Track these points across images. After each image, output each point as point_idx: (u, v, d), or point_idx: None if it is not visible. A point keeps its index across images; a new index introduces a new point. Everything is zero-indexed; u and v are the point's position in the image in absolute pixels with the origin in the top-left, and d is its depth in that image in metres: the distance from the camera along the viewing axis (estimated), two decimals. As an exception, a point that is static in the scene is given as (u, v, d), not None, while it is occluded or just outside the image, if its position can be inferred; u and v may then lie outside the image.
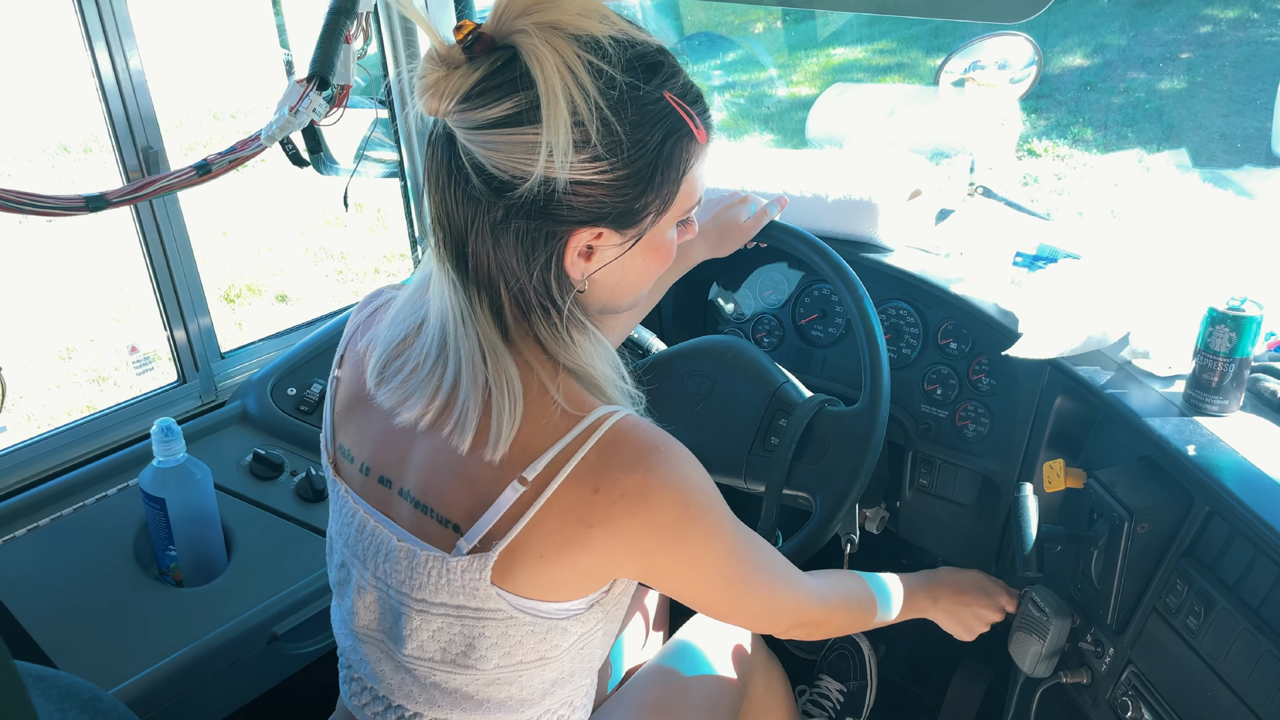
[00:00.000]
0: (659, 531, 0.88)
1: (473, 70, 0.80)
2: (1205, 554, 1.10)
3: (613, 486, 0.85)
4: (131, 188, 1.39)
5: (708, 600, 1.01)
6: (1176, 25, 6.20)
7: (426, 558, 0.91)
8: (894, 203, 1.61)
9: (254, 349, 1.88)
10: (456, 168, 0.83)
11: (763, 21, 6.93)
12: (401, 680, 0.99)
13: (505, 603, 0.89)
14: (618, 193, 0.84)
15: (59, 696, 1.02)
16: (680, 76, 0.86)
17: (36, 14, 5.14)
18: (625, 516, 0.86)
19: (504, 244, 0.84)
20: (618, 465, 0.86)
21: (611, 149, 0.82)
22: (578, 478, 0.85)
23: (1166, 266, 1.35)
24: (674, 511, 0.88)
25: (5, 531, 1.46)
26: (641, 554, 0.89)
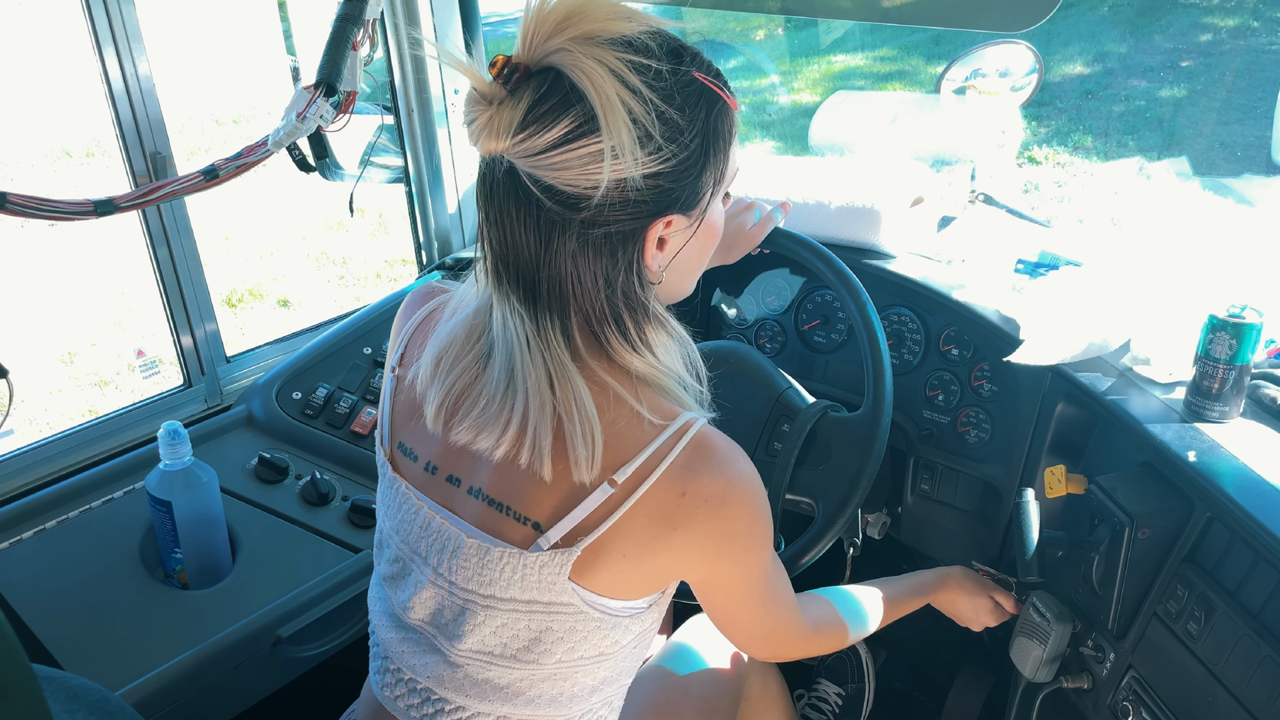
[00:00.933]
0: (733, 537, 0.93)
1: (518, 101, 0.82)
2: (1206, 559, 1.11)
3: (699, 491, 0.89)
4: (140, 193, 1.40)
5: (737, 612, 1.05)
6: (1177, 34, 6.22)
7: (500, 554, 0.92)
8: (896, 210, 1.62)
9: (259, 353, 1.89)
10: (525, 197, 0.84)
11: (764, 29, 6.95)
12: (451, 674, 1.00)
13: (579, 598, 0.92)
14: (682, 176, 0.87)
15: (67, 698, 1.03)
16: (700, 54, 0.90)
17: (41, 19, 5.16)
18: (707, 520, 0.90)
19: (585, 258, 0.86)
20: (704, 470, 0.89)
21: (670, 136, 0.84)
22: (667, 481, 0.89)
23: (1167, 274, 1.36)
24: (749, 519, 0.93)
25: (12, 534, 1.46)
26: (714, 557, 0.94)
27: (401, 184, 2.09)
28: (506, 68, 0.82)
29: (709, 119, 0.88)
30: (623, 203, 0.85)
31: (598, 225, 0.85)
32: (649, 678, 1.33)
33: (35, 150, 5.14)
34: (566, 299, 0.88)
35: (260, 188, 4.91)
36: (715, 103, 0.89)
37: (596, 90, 0.79)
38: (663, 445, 0.89)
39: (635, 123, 0.81)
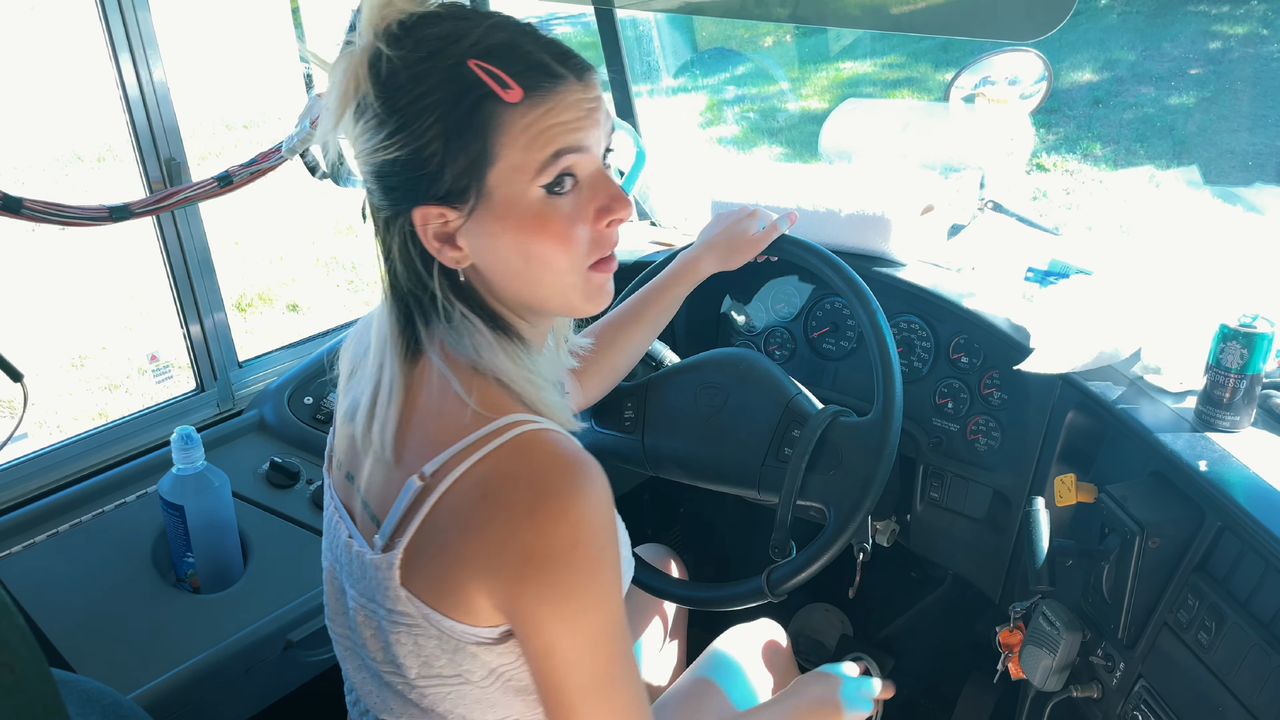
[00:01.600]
0: (537, 563, 0.80)
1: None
2: (1217, 569, 1.11)
3: (502, 496, 0.81)
4: (154, 198, 1.42)
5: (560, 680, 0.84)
6: (1186, 41, 6.21)
7: (359, 552, 0.91)
8: (906, 217, 1.62)
9: (271, 358, 1.90)
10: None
11: (772, 36, 6.96)
12: (371, 685, 0.98)
13: (413, 608, 0.86)
14: (423, 166, 0.83)
15: (80, 701, 1.03)
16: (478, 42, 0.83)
17: (53, 23, 5.19)
18: (504, 529, 0.80)
19: (382, 241, 0.89)
20: (516, 474, 0.82)
21: (403, 124, 0.81)
22: (469, 479, 0.82)
23: (1178, 283, 1.36)
24: (560, 547, 0.80)
25: (26, 537, 1.47)
26: (511, 583, 0.81)
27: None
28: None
29: (458, 107, 0.82)
30: (383, 189, 0.85)
31: (374, 209, 0.88)
32: (687, 690, 1.33)
33: (47, 154, 5.17)
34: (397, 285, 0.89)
35: (270, 192, 4.93)
36: (469, 93, 0.82)
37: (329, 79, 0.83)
38: (476, 441, 0.83)
39: (360, 108, 0.83)
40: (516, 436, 0.83)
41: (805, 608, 2.17)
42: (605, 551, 0.82)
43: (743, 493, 1.42)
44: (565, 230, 0.86)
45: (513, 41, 0.84)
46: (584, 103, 0.85)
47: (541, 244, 0.86)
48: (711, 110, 6.10)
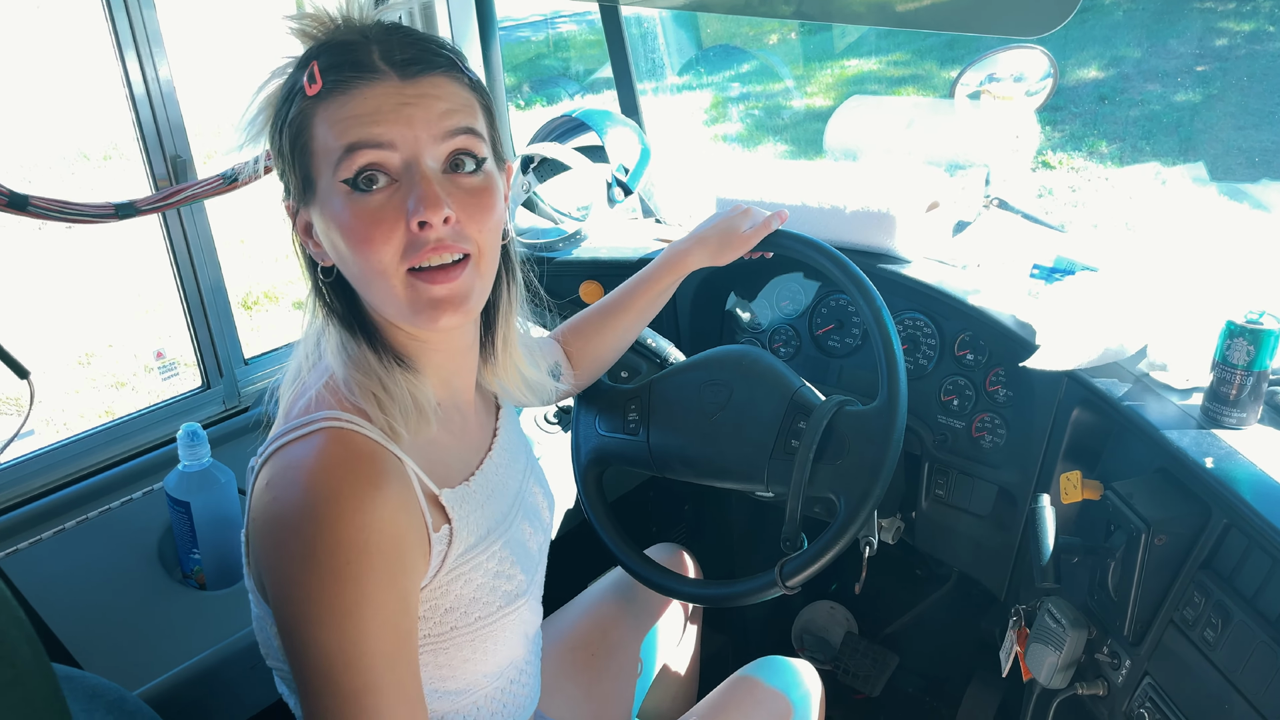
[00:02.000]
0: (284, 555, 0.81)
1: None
2: (1223, 566, 1.10)
3: (274, 482, 0.84)
4: (160, 196, 1.42)
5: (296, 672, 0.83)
6: (1192, 38, 6.19)
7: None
8: (911, 214, 1.62)
9: (277, 355, 1.90)
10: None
11: (777, 33, 6.96)
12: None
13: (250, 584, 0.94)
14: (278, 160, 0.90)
15: (85, 697, 1.04)
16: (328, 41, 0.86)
17: (58, 21, 5.20)
18: (262, 523, 0.83)
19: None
20: (292, 466, 0.83)
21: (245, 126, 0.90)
22: (268, 469, 0.86)
23: (1184, 279, 1.35)
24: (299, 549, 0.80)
25: (32, 534, 1.48)
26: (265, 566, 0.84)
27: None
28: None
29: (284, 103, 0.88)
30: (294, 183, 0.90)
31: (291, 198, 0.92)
32: (735, 687, 1.35)
33: (54, 152, 5.18)
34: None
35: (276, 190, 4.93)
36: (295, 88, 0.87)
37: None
38: (291, 429, 0.86)
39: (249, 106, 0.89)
40: (318, 430, 0.85)
41: (810, 605, 2.17)
42: (350, 566, 0.80)
43: (751, 488, 1.42)
44: (366, 229, 0.85)
45: (350, 41, 0.85)
46: (395, 97, 0.84)
47: (348, 242, 0.86)
48: (716, 107, 6.09)
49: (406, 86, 0.85)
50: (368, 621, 0.81)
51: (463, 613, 0.96)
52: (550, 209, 2.10)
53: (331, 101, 0.84)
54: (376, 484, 0.83)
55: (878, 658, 2.05)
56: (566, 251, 1.99)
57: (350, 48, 0.85)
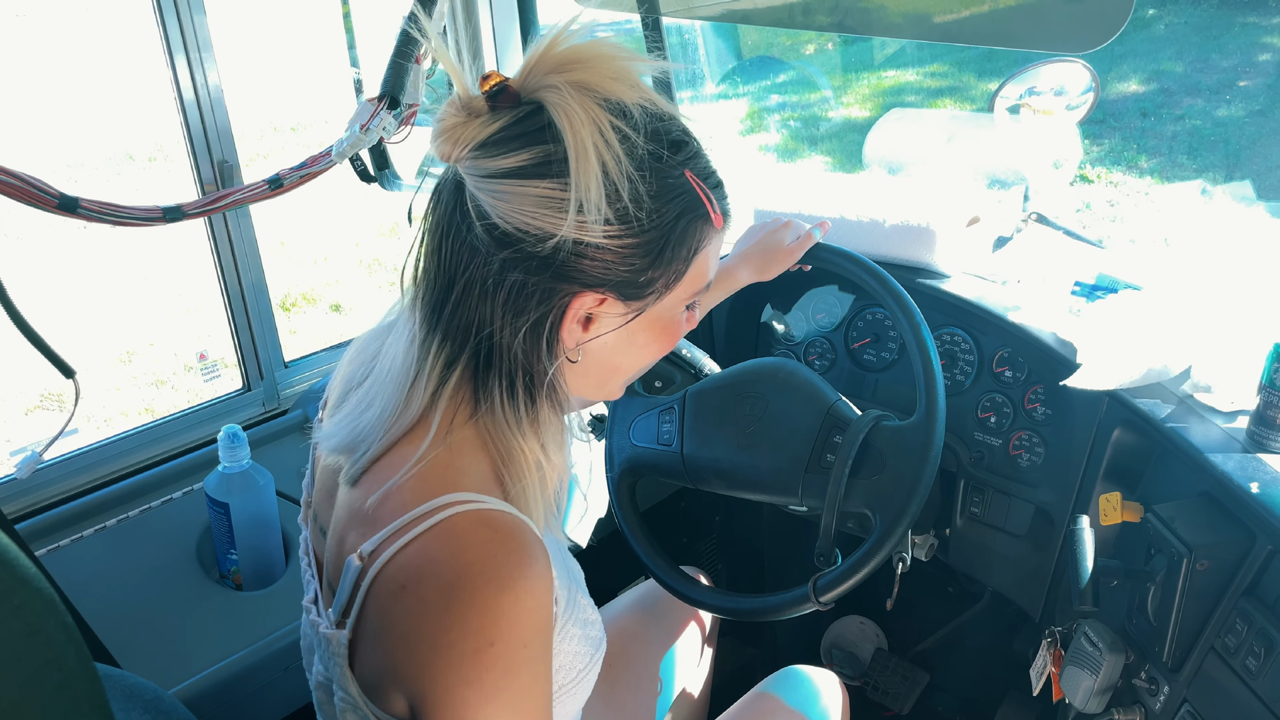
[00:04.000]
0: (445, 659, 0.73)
1: (493, 120, 0.78)
2: (1267, 594, 1.09)
3: (418, 588, 0.74)
4: (207, 200, 1.44)
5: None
6: (1235, 52, 6.11)
7: (317, 623, 0.85)
8: (952, 229, 1.61)
9: (316, 359, 1.92)
10: (460, 215, 0.80)
11: (814, 43, 6.93)
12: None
13: (355, 691, 0.80)
14: (625, 261, 0.81)
15: (123, 696, 1.05)
16: (702, 158, 0.85)
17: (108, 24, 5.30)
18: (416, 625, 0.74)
19: (493, 297, 0.80)
20: (437, 563, 0.75)
21: (625, 215, 0.79)
22: (394, 566, 0.76)
23: (1231, 299, 1.33)
24: (474, 644, 0.73)
25: (73, 532, 1.50)
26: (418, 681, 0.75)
27: (457, 195, 2.11)
28: (496, 85, 0.79)
29: (679, 219, 0.82)
30: (549, 259, 0.79)
31: (516, 270, 0.79)
32: (753, 704, 1.34)
33: (100, 153, 5.27)
34: (468, 331, 0.82)
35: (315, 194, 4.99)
36: (694, 209, 0.83)
37: (575, 135, 0.76)
38: (410, 521, 0.76)
39: (595, 188, 0.77)
40: (450, 518, 0.76)
41: (840, 619, 2.16)
42: (527, 649, 0.75)
43: (785, 502, 1.41)
44: (673, 342, 0.90)
45: (710, 164, 0.86)
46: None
47: (655, 349, 0.89)
48: (753, 118, 6.08)
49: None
50: (539, 702, 0.77)
51: (568, 669, 0.91)
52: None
53: (718, 238, 0.87)
54: (530, 559, 0.76)
55: (908, 675, 2.03)
56: (603, 260, 1.99)
57: (713, 170, 0.87)
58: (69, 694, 0.60)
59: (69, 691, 0.60)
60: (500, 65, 2.00)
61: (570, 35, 0.78)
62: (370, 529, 0.78)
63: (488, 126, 0.78)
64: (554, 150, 0.77)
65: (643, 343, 0.88)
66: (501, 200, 0.77)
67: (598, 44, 0.78)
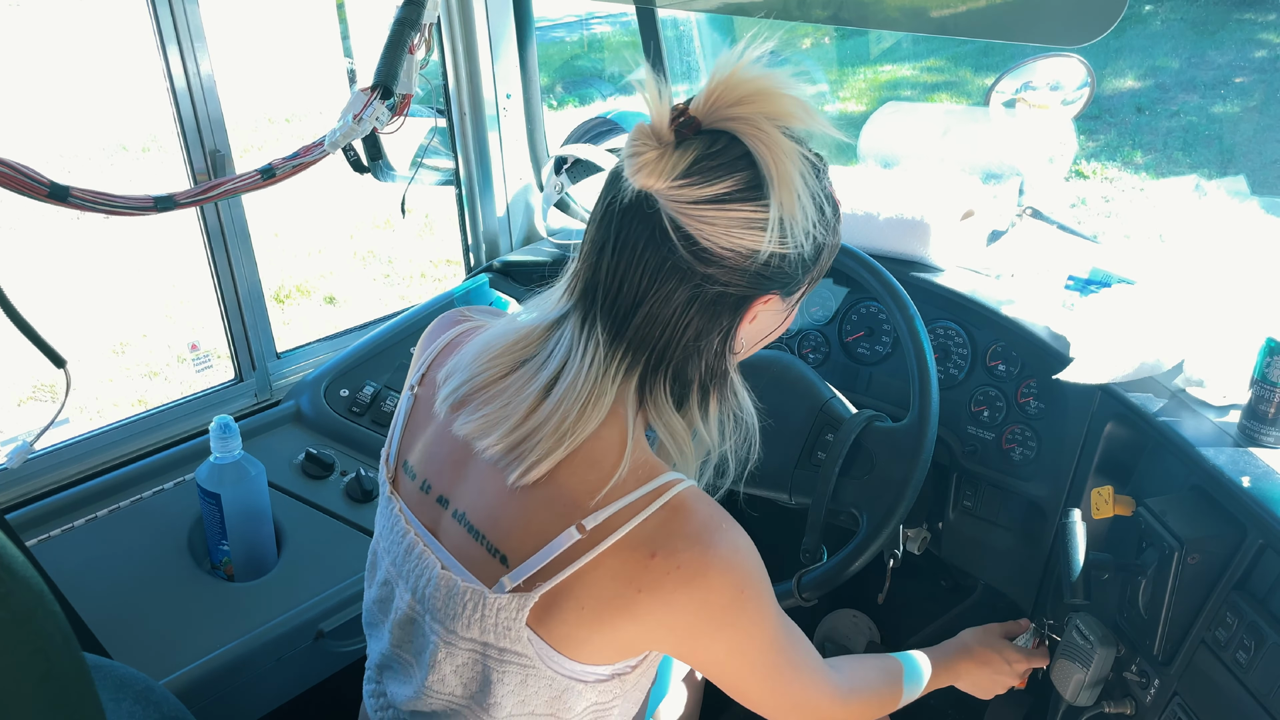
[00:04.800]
0: (710, 612, 0.87)
1: (686, 150, 0.83)
2: (1258, 587, 1.09)
3: (671, 556, 0.85)
4: (199, 190, 1.43)
5: (740, 686, 0.98)
6: (1231, 49, 6.12)
7: (465, 589, 0.91)
8: (946, 223, 1.61)
9: (309, 350, 1.91)
10: (659, 237, 0.85)
11: (810, 37, 6.92)
12: (422, 708, 0.98)
13: (532, 649, 0.88)
14: (801, 265, 0.91)
15: (113, 687, 1.05)
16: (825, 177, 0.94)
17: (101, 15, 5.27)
18: (678, 590, 0.85)
19: (691, 310, 0.87)
20: (679, 535, 0.85)
21: (805, 229, 0.87)
22: (636, 539, 0.85)
23: (1223, 294, 1.34)
24: (728, 595, 0.87)
25: (64, 522, 1.50)
26: (685, 631, 0.88)
27: (451, 186, 2.11)
28: (683, 117, 0.84)
29: (830, 229, 0.93)
30: (746, 270, 0.87)
31: (716, 284, 0.87)
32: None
33: (94, 144, 5.25)
34: (653, 341, 0.89)
35: (309, 185, 4.98)
36: (838, 219, 0.95)
37: (776, 164, 0.83)
38: (638, 500, 0.86)
39: (797, 210, 0.85)
40: (675, 498, 0.87)
41: (833, 613, 2.16)
42: (762, 581, 0.90)
43: (774, 496, 1.41)
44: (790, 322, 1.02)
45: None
46: None
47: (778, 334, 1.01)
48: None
49: None
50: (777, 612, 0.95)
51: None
52: (582, 210, 2.10)
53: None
54: (733, 519, 0.90)
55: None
56: (597, 253, 1.99)
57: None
58: (57, 684, 0.60)
59: (57, 681, 0.60)
60: (495, 54, 1.99)
61: (749, 68, 0.84)
62: (578, 511, 0.86)
63: (685, 156, 0.83)
64: (751, 177, 0.84)
65: (774, 328, 0.99)
66: (708, 224, 0.84)
67: (775, 77, 0.85)
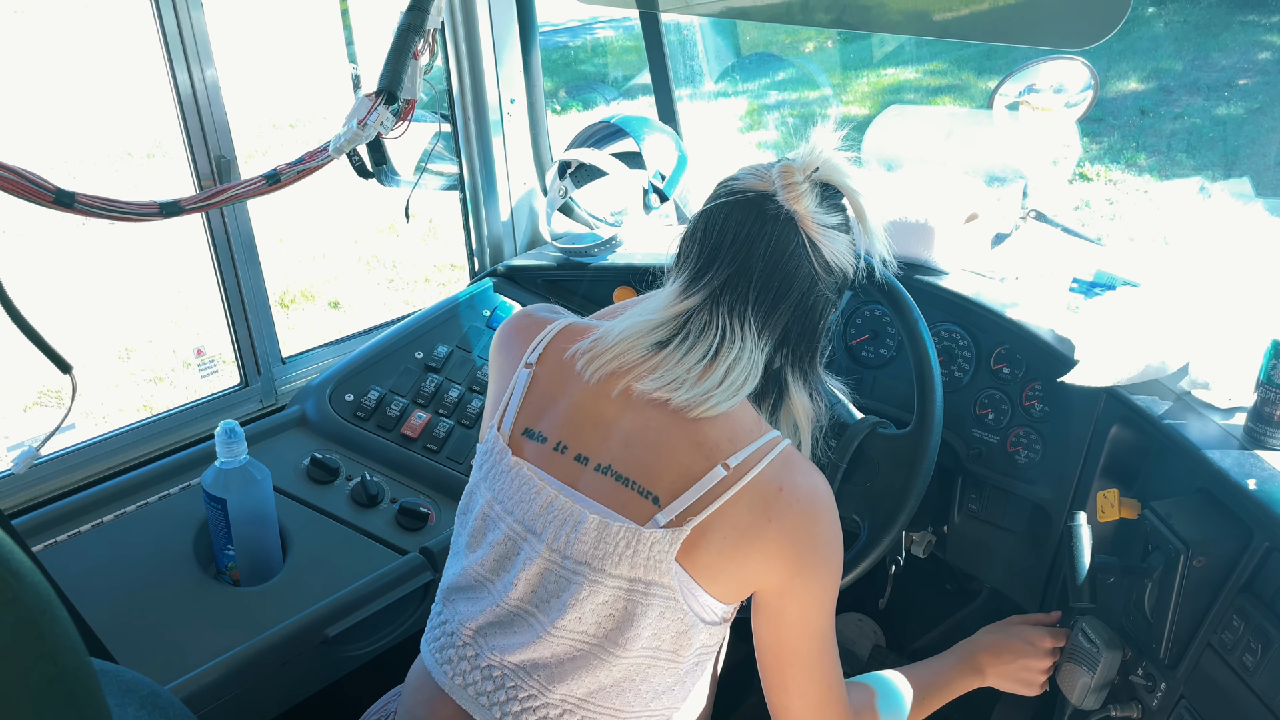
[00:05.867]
0: (817, 544, 1.05)
1: (814, 188, 1.11)
2: (1264, 590, 1.09)
3: (794, 489, 1.03)
4: (204, 195, 1.44)
5: (796, 652, 1.09)
6: (1235, 51, 6.11)
7: (619, 528, 1.02)
8: (950, 226, 1.61)
9: (314, 355, 1.92)
10: (798, 248, 1.09)
11: (814, 41, 6.93)
12: (539, 651, 1.05)
13: (677, 581, 1.01)
14: (846, 277, 1.15)
15: (119, 692, 1.05)
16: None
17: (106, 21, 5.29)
18: (799, 518, 1.03)
19: (818, 306, 1.11)
20: (798, 472, 1.05)
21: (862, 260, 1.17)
22: (767, 476, 1.03)
23: (1229, 297, 1.33)
24: (831, 529, 1.06)
25: (71, 526, 1.50)
26: (796, 562, 1.03)
27: (455, 191, 2.11)
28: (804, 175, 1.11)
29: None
30: (833, 279, 1.13)
31: (830, 290, 1.13)
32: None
33: (99, 149, 5.26)
34: (789, 328, 1.10)
35: (313, 190, 4.98)
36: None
37: (864, 209, 1.14)
38: (763, 447, 1.04)
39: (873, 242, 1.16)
40: (786, 449, 1.06)
41: (839, 616, 2.15)
42: (841, 537, 1.08)
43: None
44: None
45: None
46: None
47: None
48: (752, 115, 6.08)
49: None
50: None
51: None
52: (586, 214, 2.11)
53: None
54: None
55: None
56: (602, 257, 1.99)
57: None
58: (64, 688, 0.60)
59: (64, 685, 0.60)
60: (498, 59, 1.99)
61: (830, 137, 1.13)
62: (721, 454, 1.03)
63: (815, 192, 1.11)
64: (847, 218, 1.15)
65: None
66: (830, 243, 1.11)
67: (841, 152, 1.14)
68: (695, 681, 1.11)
